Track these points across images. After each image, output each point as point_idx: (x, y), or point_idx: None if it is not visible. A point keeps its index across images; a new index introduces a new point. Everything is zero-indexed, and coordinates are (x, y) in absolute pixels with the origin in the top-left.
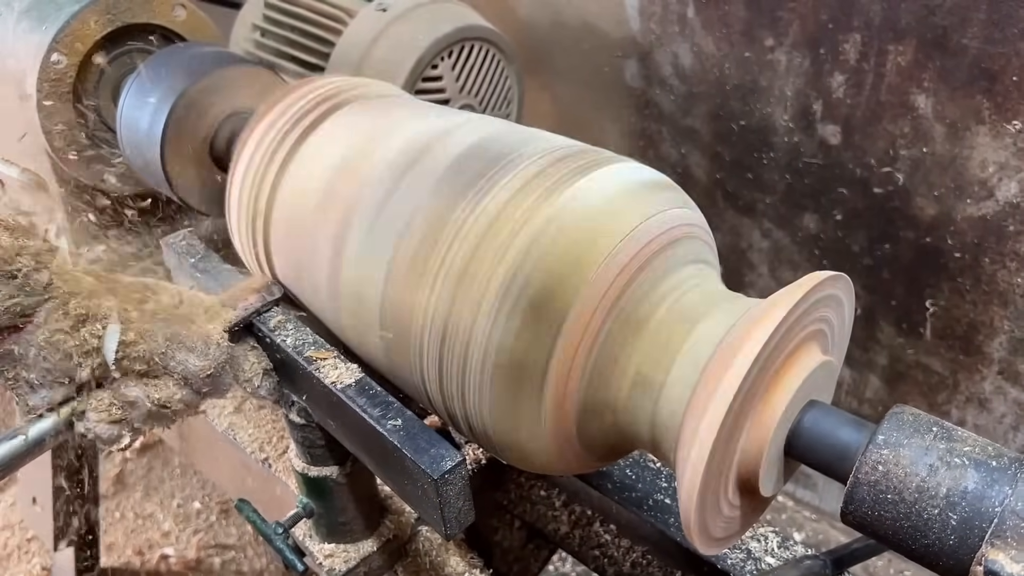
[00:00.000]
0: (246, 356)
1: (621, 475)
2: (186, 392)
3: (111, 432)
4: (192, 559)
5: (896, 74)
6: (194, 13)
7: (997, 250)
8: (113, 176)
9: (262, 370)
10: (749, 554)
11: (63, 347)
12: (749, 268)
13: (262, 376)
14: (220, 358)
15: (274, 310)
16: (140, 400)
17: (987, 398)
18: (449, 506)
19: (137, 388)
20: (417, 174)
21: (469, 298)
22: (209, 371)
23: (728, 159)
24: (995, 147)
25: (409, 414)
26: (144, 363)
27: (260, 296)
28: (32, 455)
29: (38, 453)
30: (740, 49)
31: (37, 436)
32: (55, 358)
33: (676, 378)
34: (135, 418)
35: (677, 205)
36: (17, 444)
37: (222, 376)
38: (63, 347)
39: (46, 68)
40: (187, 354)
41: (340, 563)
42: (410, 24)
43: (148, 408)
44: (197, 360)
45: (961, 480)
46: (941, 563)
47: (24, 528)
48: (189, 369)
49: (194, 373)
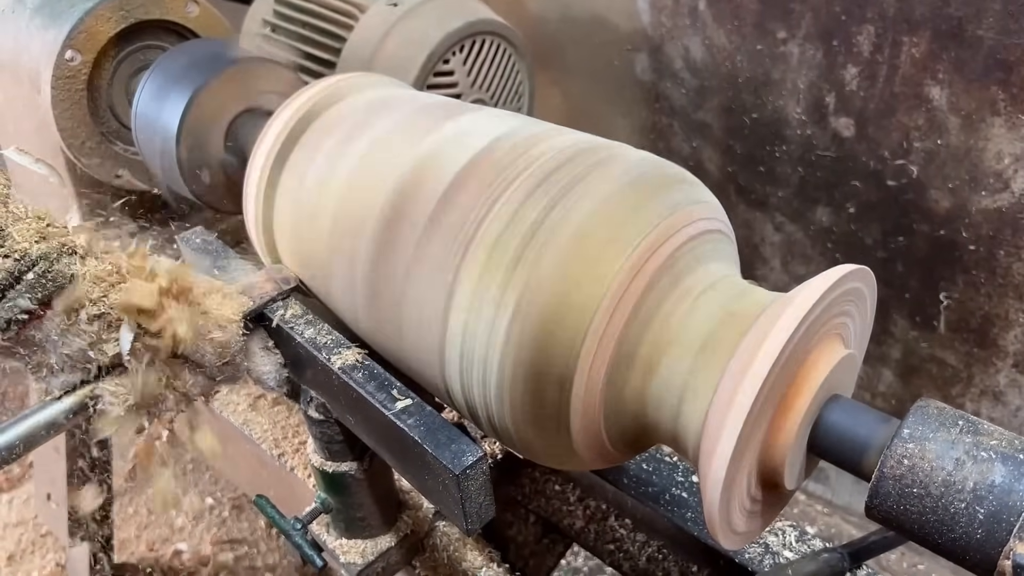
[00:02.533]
0: (258, 346)
1: (637, 469)
2: (200, 378)
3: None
4: (205, 554)
5: (910, 66)
6: (206, 9)
7: (1012, 242)
8: (128, 173)
9: (273, 361)
10: (767, 548)
11: (81, 335)
12: (762, 262)
13: (273, 367)
14: (235, 347)
15: (291, 303)
16: (155, 386)
17: (1002, 391)
18: (470, 501)
19: (152, 373)
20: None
21: (486, 304)
22: (225, 359)
23: (740, 153)
24: (1011, 138)
25: (429, 409)
26: (166, 352)
27: (275, 285)
28: (47, 436)
29: (54, 434)
30: (752, 42)
31: (52, 417)
32: (74, 345)
33: (700, 373)
34: (150, 403)
35: (697, 200)
36: (32, 424)
37: (237, 364)
38: (81, 335)
39: (60, 65)
40: (205, 343)
41: (358, 558)
42: (421, 19)
43: (162, 393)
44: (213, 348)
45: (988, 474)
46: (968, 557)
47: (39, 524)
48: (206, 357)
49: (210, 361)
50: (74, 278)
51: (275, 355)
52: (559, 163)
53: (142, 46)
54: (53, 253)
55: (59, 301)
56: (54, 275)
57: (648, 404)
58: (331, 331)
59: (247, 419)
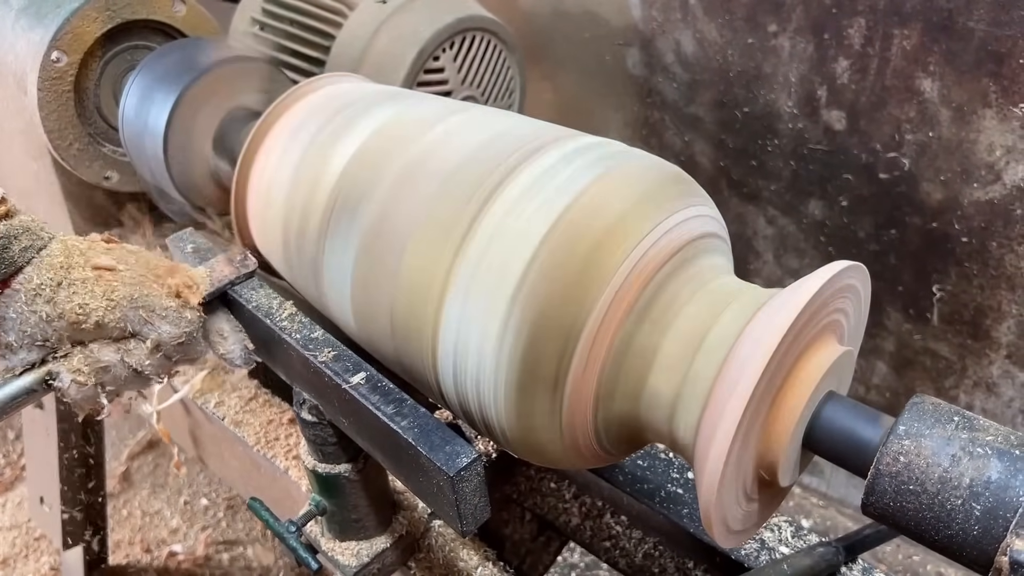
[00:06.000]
0: (222, 326)
1: (632, 466)
2: (158, 358)
3: (85, 393)
4: (200, 556)
5: (901, 58)
6: (194, 8)
7: (1005, 234)
8: (116, 175)
9: (238, 340)
10: (763, 544)
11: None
12: (755, 256)
13: (238, 346)
14: (192, 327)
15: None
16: (113, 363)
17: (995, 382)
18: (465, 503)
19: (110, 352)
20: (417, 178)
21: (480, 303)
22: (181, 339)
23: (732, 147)
24: (1002, 130)
25: (423, 411)
26: (118, 329)
27: (234, 268)
28: (5, 413)
29: (11, 412)
30: (743, 35)
31: (11, 394)
32: (32, 321)
33: (696, 371)
34: (108, 381)
35: (693, 200)
36: None
37: (194, 344)
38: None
39: (46, 66)
40: (160, 322)
41: (353, 560)
42: (411, 15)
43: (121, 372)
44: (170, 328)
45: (984, 470)
46: (965, 553)
47: (32, 528)
48: (162, 337)
49: (166, 341)
50: (33, 258)
51: (240, 334)
52: (552, 163)
53: (129, 46)
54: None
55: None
56: (12, 254)
57: (643, 403)
58: (324, 333)
59: (240, 421)
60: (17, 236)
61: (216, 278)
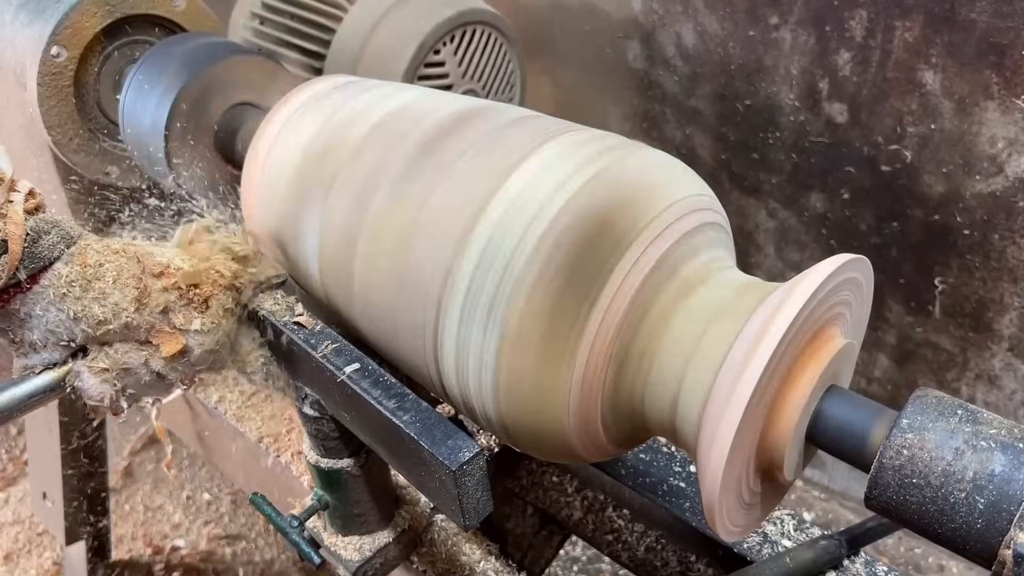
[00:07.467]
0: (244, 337)
1: (635, 460)
2: (184, 363)
3: (105, 395)
4: (203, 550)
5: (903, 50)
6: (193, 3)
7: (1007, 226)
8: (116, 169)
9: (259, 353)
10: (765, 537)
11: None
12: (756, 249)
13: (258, 360)
14: (221, 336)
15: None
16: (137, 367)
17: (997, 375)
18: (467, 497)
19: (135, 355)
20: (429, 151)
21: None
22: (208, 347)
23: (733, 139)
24: (1004, 122)
25: (424, 405)
26: (146, 332)
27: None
28: (22, 410)
29: (27, 411)
30: (744, 28)
31: (28, 392)
32: (60, 319)
33: (697, 365)
34: (130, 384)
35: (692, 191)
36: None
37: (220, 353)
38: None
39: (46, 61)
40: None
41: (355, 554)
42: (411, 9)
43: (143, 375)
44: (198, 336)
45: (988, 463)
46: (968, 547)
47: (35, 523)
48: (189, 343)
49: (192, 348)
50: (62, 254)
51: (262, 348)
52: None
53: (129, 41)
54: (42, 227)
55: (46, 276)
56: (41, 249)
57: (646, 397)
58: (325, 328)
59: (242, 416)
60: (47, 231)
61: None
